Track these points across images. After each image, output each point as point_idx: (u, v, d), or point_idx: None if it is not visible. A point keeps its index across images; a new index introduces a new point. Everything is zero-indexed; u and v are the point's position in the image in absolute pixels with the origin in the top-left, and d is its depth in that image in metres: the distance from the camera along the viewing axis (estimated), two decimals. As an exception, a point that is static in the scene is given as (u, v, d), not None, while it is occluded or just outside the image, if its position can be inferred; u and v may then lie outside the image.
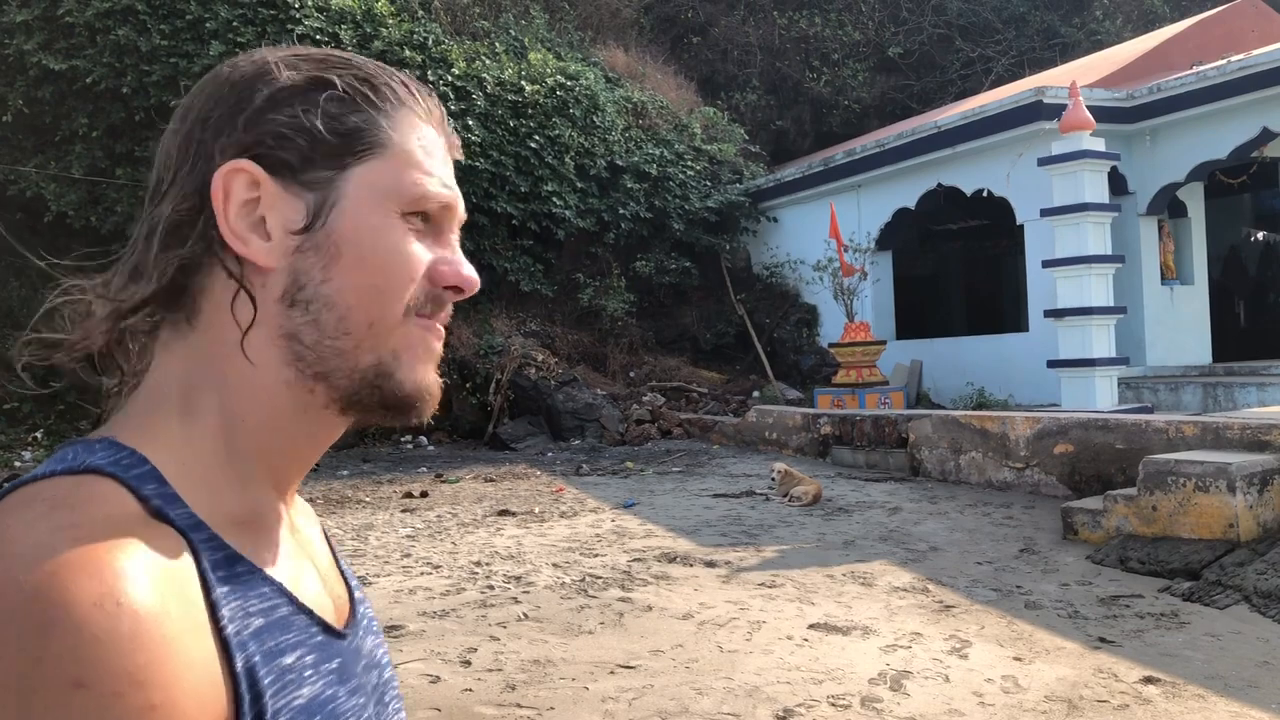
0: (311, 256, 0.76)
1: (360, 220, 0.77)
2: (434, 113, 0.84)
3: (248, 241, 0.76)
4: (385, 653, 0.89)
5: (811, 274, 15.89)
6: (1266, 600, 5.64)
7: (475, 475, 11.29)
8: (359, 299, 0.76)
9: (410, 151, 0.80)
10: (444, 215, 0.82)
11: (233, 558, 0.72)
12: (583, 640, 5.24)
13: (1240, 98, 12.05)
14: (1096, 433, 8.52)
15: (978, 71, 22.95)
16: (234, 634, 0.68)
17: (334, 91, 0.78)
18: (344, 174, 0.77)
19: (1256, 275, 17.29)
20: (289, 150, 0.77)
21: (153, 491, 0.70)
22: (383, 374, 0.78)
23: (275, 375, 0.77)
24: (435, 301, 0.80)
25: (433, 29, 16.43)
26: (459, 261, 0.82)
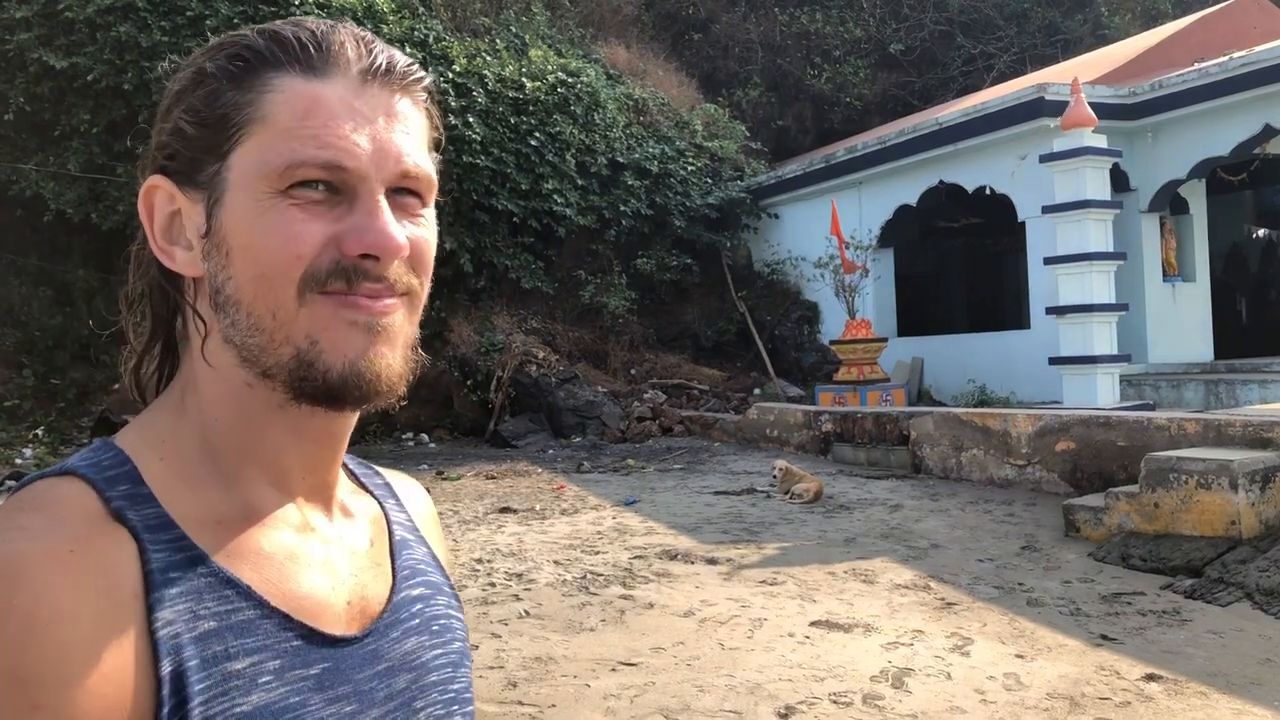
0: (214, 258, 0.75)
1: (237, 209, 0.74)
2: (341, 60, 0.76)
3: (172, 255, 0.77)
4: (439, 654, 0.85)
5: (813, 271, 15.87)
6: (1269, 597, 5.63)
7: (476, 472, 11.29)
8: (255, 292, 0.74)
9: (278, 119, 0.74)
10: (346, 178, 0.74)
11: (196, 559, 0.72)
12: (584, 638, 5.24)
13: (1242, 94, 12.02)
14: (1098, 430, 8.51)
15: (979, 68, 22.91)
16: (168, 637, 0.67)
17: (206, 81, 0.76)
18: (225, 164, 0.75)
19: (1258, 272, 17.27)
20: (178, 157, 0.77)
21: (121, 493, 0.72)
22: (304, 363, 0.74)
23: (234, 377, 0.77)
24: (347, 274, 0.74)
25: (433, 25, 16.42)
26: (368, 226, 0.74)
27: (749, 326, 16.87)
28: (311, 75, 0.75)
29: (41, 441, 12.97)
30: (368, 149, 0.75)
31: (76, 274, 15.54)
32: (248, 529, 0.76)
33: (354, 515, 0.87)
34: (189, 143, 0.76)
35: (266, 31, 0.77)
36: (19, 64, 14.61)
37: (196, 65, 0.78)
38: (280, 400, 0.77)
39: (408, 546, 0.90)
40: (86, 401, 14.12)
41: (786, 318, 17.19)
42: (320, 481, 0.83)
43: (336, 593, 0.80)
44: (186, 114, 0.76)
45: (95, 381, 14.23)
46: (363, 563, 0.84)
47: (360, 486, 0.92)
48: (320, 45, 0.76)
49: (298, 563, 0.78)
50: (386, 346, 0.76)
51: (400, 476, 0.99)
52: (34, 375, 14.37)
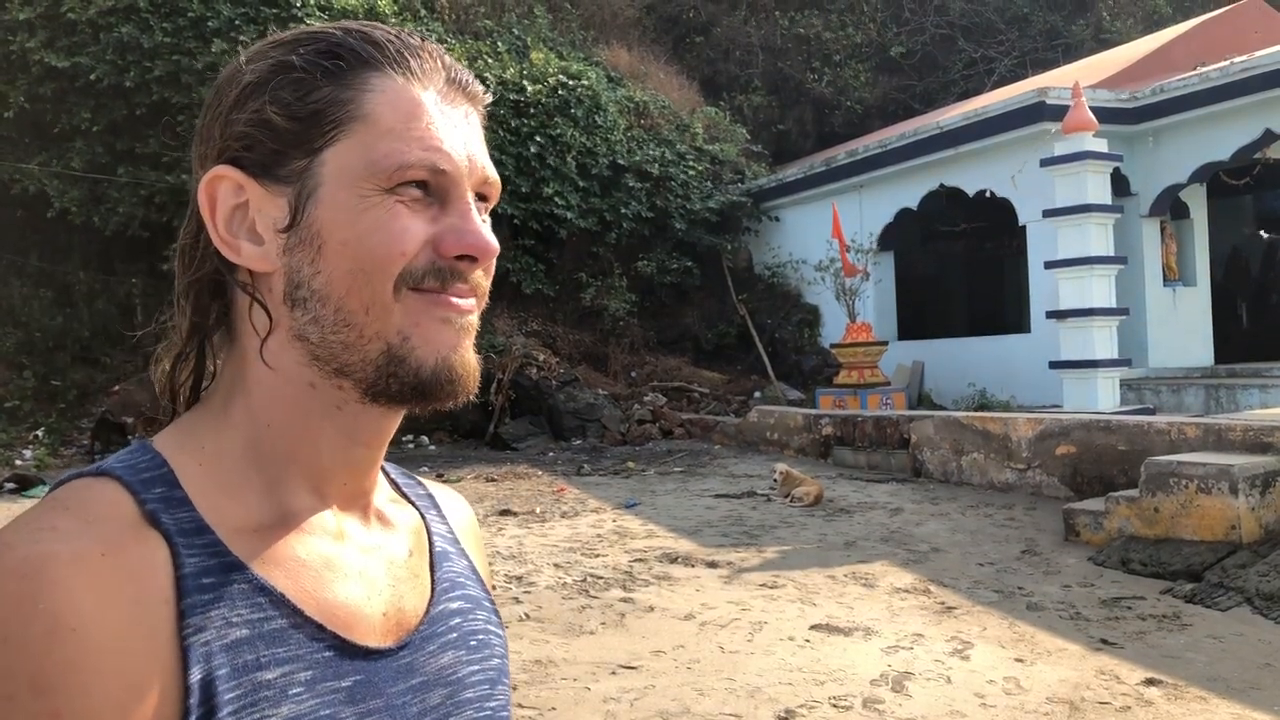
0: (300, 253, 0.74)
1: (337, 205, 0.74)
2: (429, 67, 0.78)
3: (238, 248, 0.76)
4: (476, 670, 0.83)
5: (813, 274, 15.87)
6: (1268, 602, 5.63)
7: (476, 475, 11.29)
8: (348, 286, 0.74)
9: (381, 119, 0.74)
10: (444, 181, 0.76)
11: (230, 565, 0.71)
12: (584, 640, 5.24)
13: (1243, 99, 12.03)
14: (1098, 434, 8.51)
15: (980, 72, 22.93)
16: (199, 644, 0.67)
17: (294, 74, 0.75)
18: (318, 159, 0.74)
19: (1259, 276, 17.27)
20: (257, 148, 0.75)
21: (157, 495, 0.71)
22: (395, 359, 0.75)
23: (297, 377, 0.76)
24: (443, 274, 0.76)
25: (435, 27, 16.46)
26: (466, 229, 0.76)
27: (749, 329, 16.88)
28: (410, 78, 0.77)
29: (41, 443, 12.96)
30: (462, 154, 0.77)
31: (77, 275, 15.55)
32: (284, 535, 0.75)
33: (394, 525, 0.86)
34: (277, 135, 0.75)
35: (355, 32, 0.78)
36: (21, 65, 14.64)
37: (276, 58, 0.76)
38: (341, 400, 0.76)
39: (448, 559, 0.89)
40: (87, 403, 14.12)
41: (787, 321, 17.19)
42: (359, 488, 0.82)
43: (372, 603, 0.78)
44: (276, 106, 0.75)
45: (95, 383, 14.23)
46: (401, 573, 0.83)
47: (402, 496, 0.91)
48: (413, 51, 0.78)
49: (334, 571, 0.77)
50: (469, 344, 0.80)
51: (444, 488, 0.98)
52: (34, 376, 14.37)
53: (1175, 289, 13.81)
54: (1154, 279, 13.57)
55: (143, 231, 14.77)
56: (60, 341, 14.87)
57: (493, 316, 15.62)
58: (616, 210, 16.88)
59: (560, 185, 16.26)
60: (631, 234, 17.01)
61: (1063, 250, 11.83)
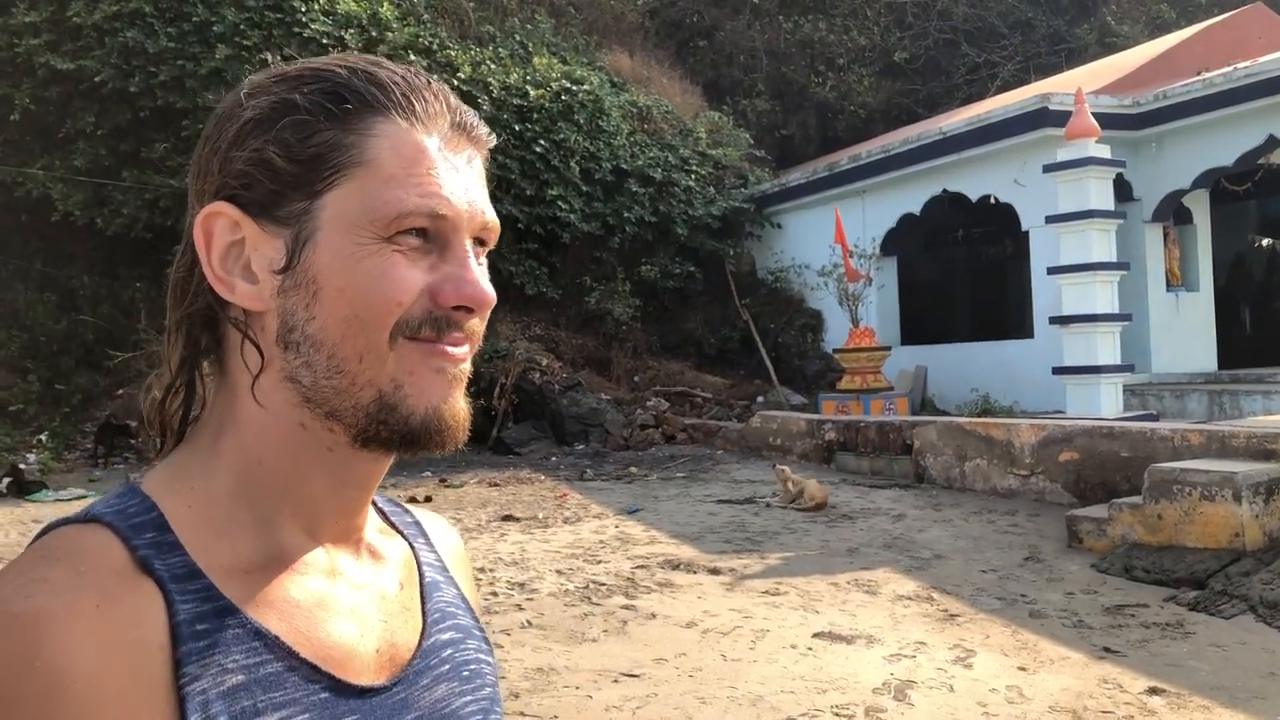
0: (295, 296, 0.74)
1: (335, 251, 0.73)
2: (434, 110, 0.77)
3: (233, 286, 0.75)
4: (469, 701, 0.83)
5: (816, 279, 15.88)
6: (1272, 610, 5.62)
7: (479, 480, 11.29)
8: (343, 333, 0.73)
9: (383, 166, 0.74)
10: (443, 227, 0.75)
11: (224, 610, 0.71)
12: (586, 648, 5.24)
13: (1247, 105, 12.03)
14: (1102, 440, 8.50)
15: (983, 77, 22.94)
16: (196, 693, 0.66)
17: (297, 114, 0.74)
18: (318, 203, 0.74)
19: (1262, 282, 17.25)
20: (256, 187, 0.75)
21: (147, 541, 0.71)
22: (386, 407, 0.74)
23: (289, 417, 0.76)
24: (438, 323, 0.75)
25: (438, 34, 16.47)
26: (464, 278, 0.75)
27: (752, 334, 16.88)
28: (414, 123, 0.76)
29: (45, 447, 12.98)
30: (463, 200, 0.76)
31: (81, 280, 15.58)
32: (276, 576, 0.75)
33: (383, 558, 0.86)
34: (277, 176, 0.74)
35: (360, 71, 0.77)
36: (26, 68, 14.68)
37: (279, 95, 0.75)
38: (332, 442, 0.76)
39: (438, 589, 0.89)
40: (91, 407, 14.14)
41: (790, 326, 17.19)
42: (350, 525, 0.82)
43: (365, 640, 0.78)
44: (277, 146, 0.74)
45: (100, 387, 14.26)
46: (392, 608, 0.83)
47: (390, 526, 0.91)
48: (418, 94, 0.77)
49: (326, 610, 0.77)
50: (460, 392, 0.79)
51: (430, 515, 0.98)
52: (39, 380, 14.39)
53: (1178, 295, 13.80)
54: (1157, 285, 13.56)
55: (146, 234, 14.80)
56: (64, 345, 14.90)
57: (496, 321, 15.63)
58: (619, 215, 16.89)
59: (563, 189, 16.29)
60: (634, 238, 17.02)
61: (1065, 256, 11.83)
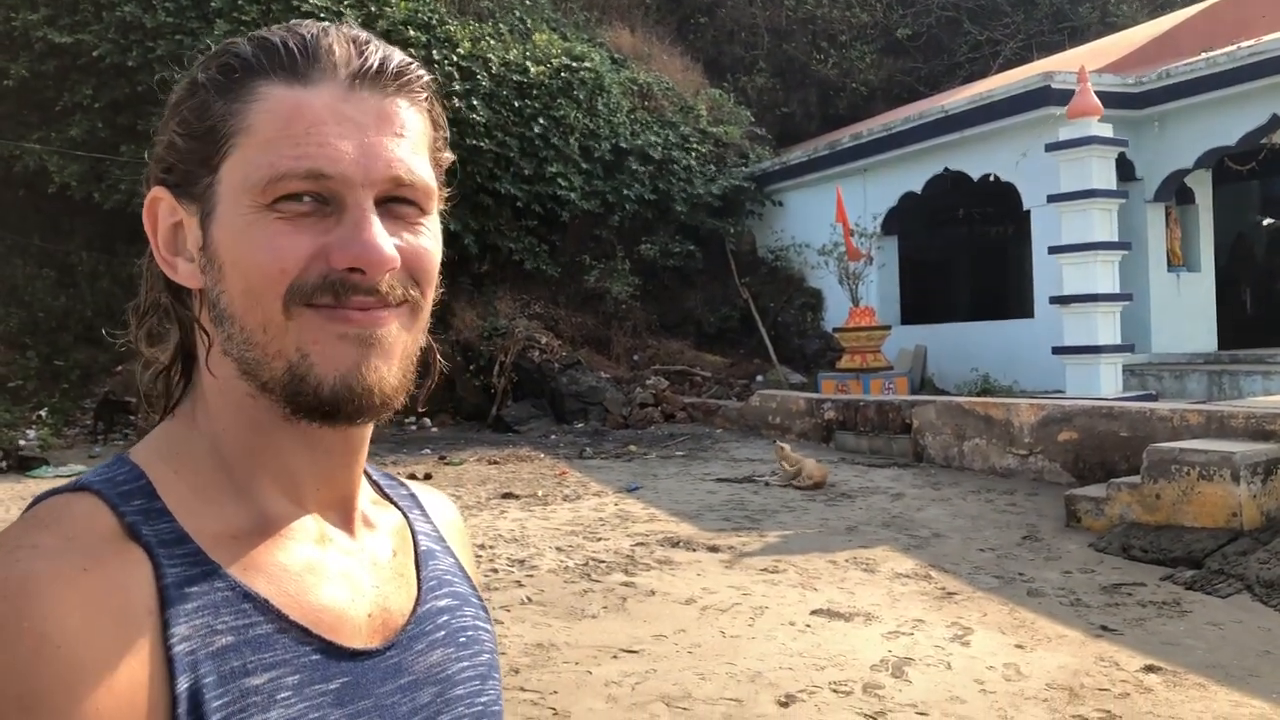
0: (210, 272, 0.75)
1: (226, 224, 0.73)
2: (325, 65, 0.74)
3: (175, 266, 0.77)
4: (466, 667, 0.83)
5: (817, 258, 15.85)
6: (1269, 589, 5.64)
7: (479, 458, 11.31)
8: (244, 306, 0.73)
9: (260, 130, 0.72)
10: (332, 186, 0.71)
11: (212, 573, 0.71)
12: (586, 624, 5.26)
13: (1250, 84, 11.97)
14: (1101, 420, 8.50)
15: (986, 55, 22.82)
16: (184, 653, 0.67)
17: (198, 93, 0.75)
18: (216, 177, 0.73)
19: (1264, 262, 17.24)
20: (174, 169, 0.76)
21: (135, 508, 0.71)
22: (296, 377, 0.73)
23: (237, 389, 0.76)
24: (335, 288, 0.72)
25: (437, 9, 16.36)
26: (353, 239, 0.71)
27: (752, 313, 16.86)
28: (295, 82, 0.73)
29: (45, 423, 12.99)
30: (353, 155, 0.72)
31: (80, 255, 15.54)
32: (264, 542, 0.75)
33: (376, 526, 0.85)
34: (182, 155, 0.75)
35: (255, 38, 0.75)
36: (23, 41, 14.61)
37: (190, 77, 0.77)
38: (284, 413, 0.75)
39: (434, 557, 0.88)
40: (90, 383, 14.14)
41: (790, 305, 17.17)
42: (338, 494, 0.81)
43: (357, 605, 0.78)
44: (179, 126, 0.75)
45: (99, 363, 14.25)
46: (385, 574, 0.82)
47: (384, 498, 0.91)
48: (307, 50, 0.74)
49: (316, 575, 0.76)
50: (381, 360, 0.74)
51: (427, 489, 0.98)
52: (37, 356, 14.39)
53: (1179, 275, 13.77)
54: (1158, 265, 13.53)
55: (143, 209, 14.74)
56: (63, 321, 14.88)
57: (495, 299, 15.62)
58: (619, 192, 16.84)
59: (563, 167, 16.22)
60: (634, 217, 16.98)
61: (1067, 235, 11.80)
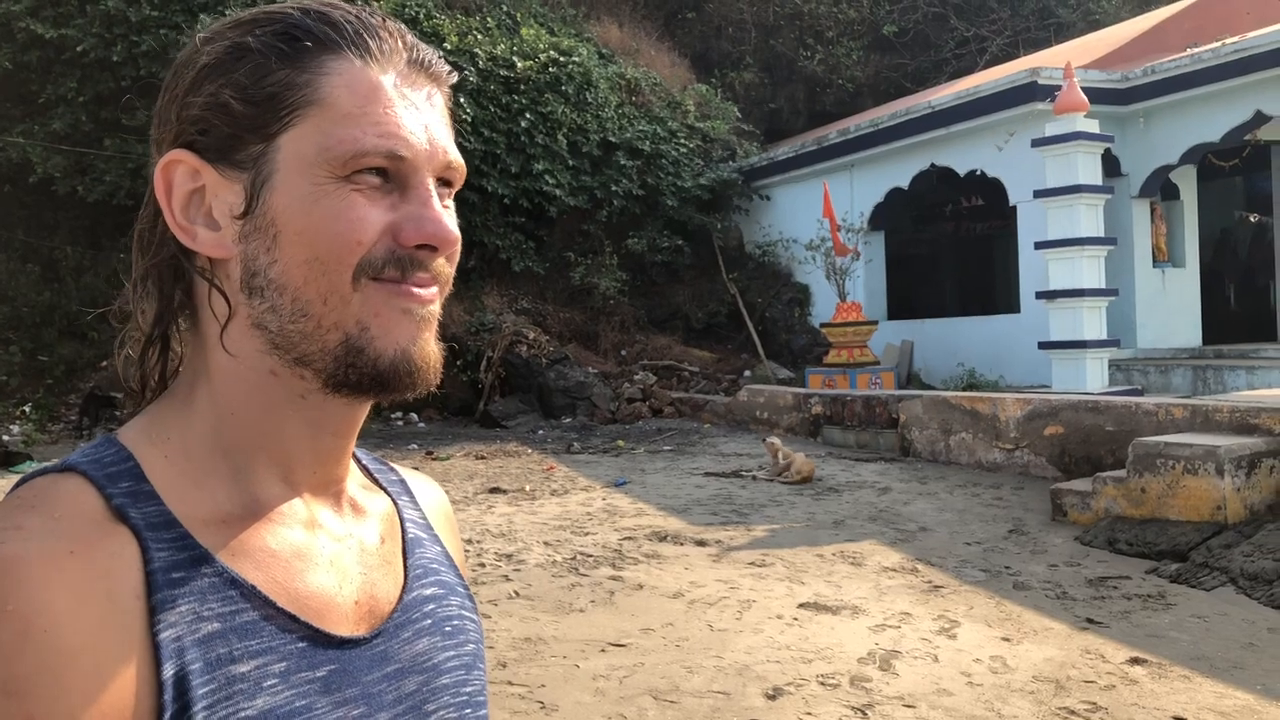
0: (256, 240, 0.73)
1: (292, 192, 0.72)
2: (389, 48, 0.76)
3: (194, 234, 0.75)
4: (451, 656, 0.83)
5: (804, 253, 15.87)
6: (1253, 582, 5.68)
7: (466, 453, 11.29)
8: (305, 276, 0.72)
9: (337, 104, 0.72)
10: (403, 167, 0.74)
11: (200, 558, 0.70)
12: (574, 618, 5.26)
13: (1234, 80, 12.03)
14: (1087, 414, 8.54)
15: (972, 51, 22.88)
16: (171, 640, 0.66)
17: (250, 57, 0.73)
18: (274, 144, 0.73)
19: (1247, 258, 17.31)
20: (213, 132, 0.74)
21: (123, 490, 0.70)
22: (354, 349, 0.73)
23: (259, 365, 0.75)
24: (402, 263, 0.74)
25: (425, 2, 16.32)
26: (426, 217, 0.74)
27: (740, 308, 16.88)
28: (369, 61, 0.75)
29: (29, 418, 12.92)
30: (423, 139, 0.75)
31: (64, 250, 15.47)
32: (254, 526, 0.75)
33: (365, 511, 0.85)
34: (233, 119, 0.73)
35: (313, 12, 0.75)
36: (6, 33, 14.52)
37: (232, 40, 0.74)
38: (304, 389, 0.75)
39: (421, 545, 0.88)
40: (74, 378, 14.07)
41: (777, 300, 17.19)
42: (329, 475, 0.81)
43: (344, 592, 0.78)
44: (232, 89, 0.73)
45: (83, 358, 14.18)
46: (373, 561, 0.82)
47: (374, 483, 0.90)
48: (372, 32, 0.76)
49: (305, 560, 0.76)
50: (431, 334, 0.77)
51: (416, 474, 0.97)
52: (21, 351, 14.31)
53: (1164, 270, 13.85)
54: (1143, 260, 13.60)
55: (128, 203, 14.69)
56: (48, 316, 14.81)
57: (483, 294, 15.60)
58: (607, 188, 16.82)
59: (551, 163, 16.19)
60: (622, 212, 16.97)
61: (1053, 231, 11.84)
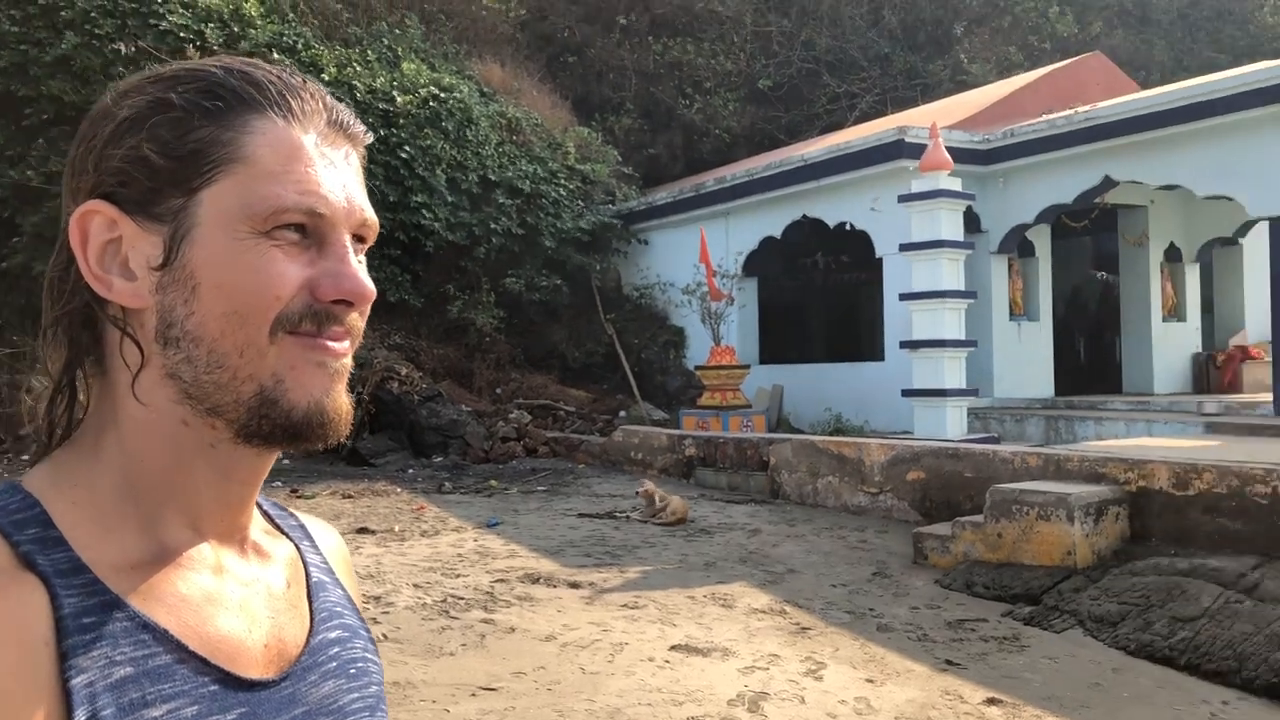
0: (173, 292, 0.75)
1: (212, 246, 0.74)
2: (310, 109, 0.79)
3: (110, 284, 0.76)
4: (356, 698, 0.84)
5: (680, 297, 16.10)
6: (1099, 624, 5.96)
7: (333, 491, 11.02)
8: (222, 328, 0.74)
9: (261, 162, 0.75)
10: (321, 224, 0.76)
11: (110, 603, 0.70)
12: (444, 662, 5.18)
13: (1085, 146, 12.77)
14: (947, 461, 8.86)
15: (843, 106, 23.68)
16: (83, 685, 0.66)
17: (172, 112, 0.75)
18: (194, 199, 0.74)
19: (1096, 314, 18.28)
20: (133, 185, 0.75)
21: (30, 536, 0.71)
22: (268, 400, 0.75)
23: (170, 414, 0.76)
24: (319, 317, 0.76)
25: (303, 33, 16.08)
26: (343, 273, 0.76)
27: (616, 349, 16.98)
28: (291, 121, 0.77)
29: None
30: (341, 197, 0.77)
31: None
32: (163, 571, 0.75)
33: (269, 556, 0.86)
34: (154, 173, 0.75)
35: (235, 71, 0.78)
36: None
37: (154, 95, 0.76)
38: (215, 439, 0.76)
39: (324, 588, 0.90)
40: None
41: (653, 342, 17.36)
42: (235, 522, 0.82)
43: (253, 635, 0.79)
44: (152, 144, 0.75)
45: None
46: (280, 605, 0.84)
47: (275, 527, 0.91)
48: (295, 93, 0.78)
49: (215, 605, 0.77)
50: (342, 386, 0.79)
51: (314, 519, 0.99)
52: None
53: (1020, 323, 14.51)
54: (1001, 313, 14.23)
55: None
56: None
57: (355, 328, 15.29)
58: (486, 225, 16.76)
59: (428, 197, 16.06)
60: (501, 249, 16.91)
61: (917, 283, 12.31)
